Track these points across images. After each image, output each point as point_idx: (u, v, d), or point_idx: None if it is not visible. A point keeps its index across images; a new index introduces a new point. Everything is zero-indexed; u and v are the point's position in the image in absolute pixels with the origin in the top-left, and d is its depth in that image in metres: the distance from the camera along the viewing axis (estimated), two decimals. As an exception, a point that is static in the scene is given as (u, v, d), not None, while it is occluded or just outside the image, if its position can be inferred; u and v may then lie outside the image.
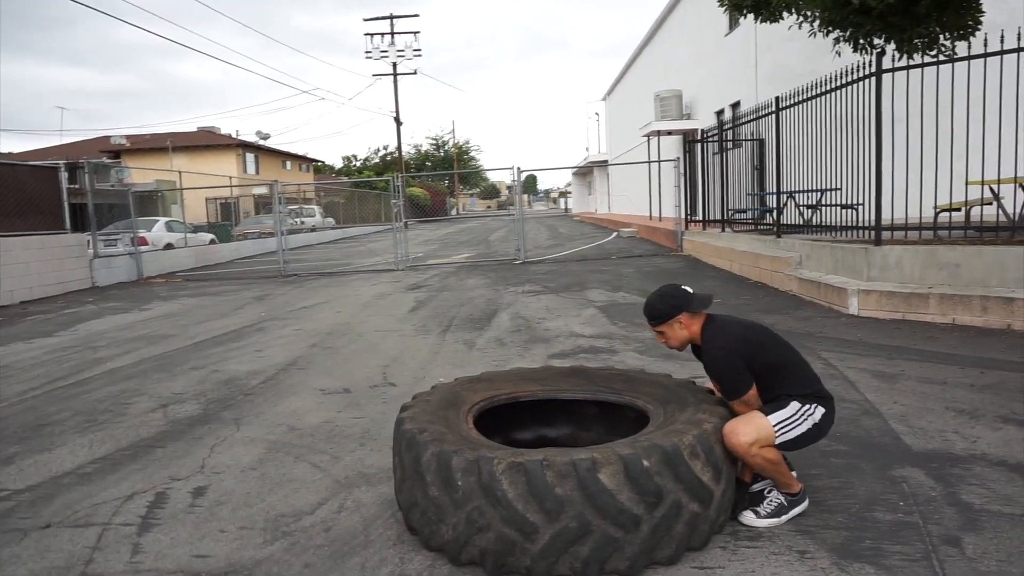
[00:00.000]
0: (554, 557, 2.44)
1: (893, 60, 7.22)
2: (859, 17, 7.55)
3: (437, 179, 57.54)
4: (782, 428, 2.84)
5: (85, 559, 2.79)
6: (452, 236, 27.82)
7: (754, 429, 2.78)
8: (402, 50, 37.48)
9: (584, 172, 46.56)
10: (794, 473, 3.02)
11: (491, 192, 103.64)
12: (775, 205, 9.98)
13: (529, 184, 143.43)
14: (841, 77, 7.85)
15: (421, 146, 68.91)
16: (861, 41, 7.63)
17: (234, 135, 41.08)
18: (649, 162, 17.25)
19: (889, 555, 2.60)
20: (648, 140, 20.57)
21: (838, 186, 9.13)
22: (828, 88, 8.17)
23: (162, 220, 17.62)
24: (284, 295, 11.16)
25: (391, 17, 37.45)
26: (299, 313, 9.11)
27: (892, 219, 7.67)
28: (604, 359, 5.81)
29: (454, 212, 61.13)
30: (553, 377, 3.63)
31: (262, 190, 23.34)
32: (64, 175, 12.74)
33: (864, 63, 7.46)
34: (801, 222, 10.38)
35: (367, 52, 37.18)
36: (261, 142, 38.86)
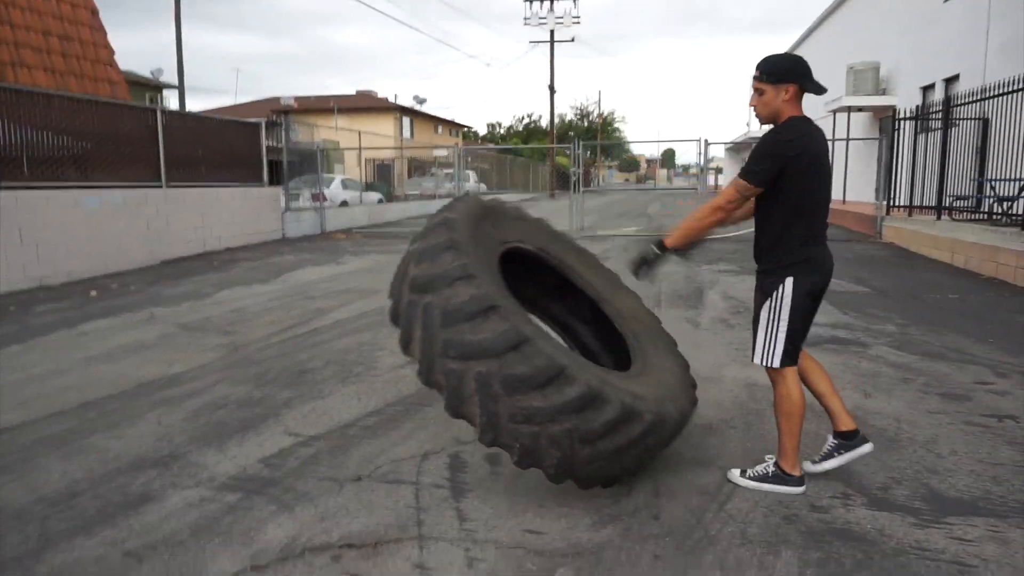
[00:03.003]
0: None
1: None
2: None
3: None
4: (766, 352, 2.87)
5: (415, 520, 2.72)
6: (604, 207, 27.30)
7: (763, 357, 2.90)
8: (561, 17, 37.01)
9: (739, 148, 44.44)
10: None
11: (631, 165, 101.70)
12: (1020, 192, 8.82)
13: (668, 158, 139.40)
14: None
15: (565, 115, 68.34)
16: None
17: (392, 99, 42.35)
18: (848, 140, 15.87)
19: None
20: (834, 116, 19.08)
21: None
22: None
23: (338, 178, 18.36)
24: (468, 258, 11.23)
25: (552, -18, 37.01)
26: (493, 277, 9.08)
27: None
28: (857, 352, 5.30)
29: (594, 183, 60.31)
30: None
31: (442, 152, 23.84)
32: (263, 131, 13.41)
33: None
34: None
35: (526, 19, 37.02)
36: (417, 106, 39.82)
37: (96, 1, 13.47)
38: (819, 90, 2.88)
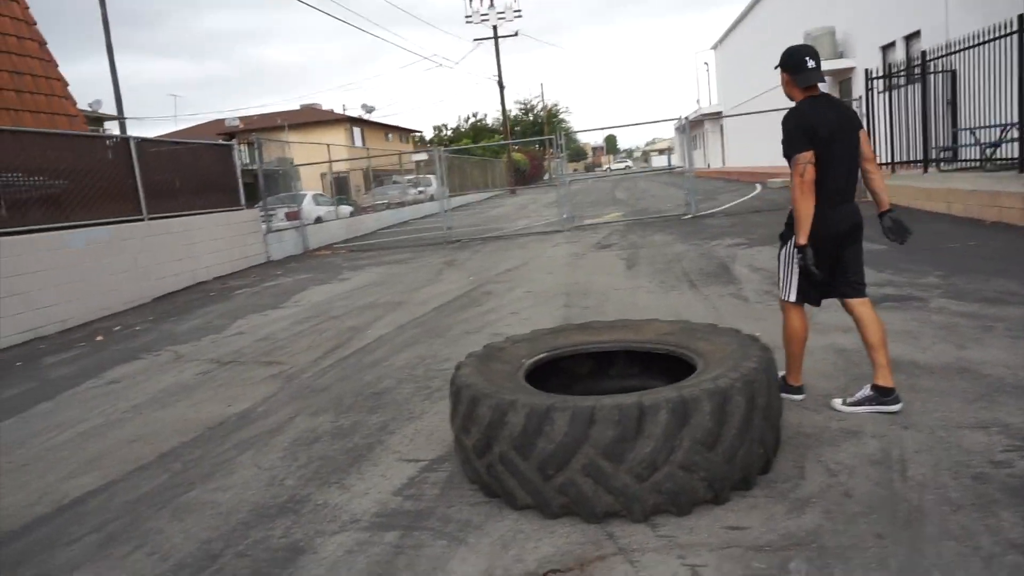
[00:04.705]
0: None
1: None
2: None
3: (529, 143, 56.82)
4: (784, 287, 3.50)
5: (604, 534, 2.55)
6: (573, 197, 27.24)
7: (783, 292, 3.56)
8: (502, 12, 36.85)
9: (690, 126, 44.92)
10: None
11: (578, 154, 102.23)
12: (1017, 136, 9.01)
13: (610, 144, 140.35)
14: None
15: (510, 111, 68.13)
16: None
17: (340, 110, 41.63)
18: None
19: None
20: (792, 83, 19.31)
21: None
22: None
23: (310, 194, 17.89)
24: (470, 259, 11.03)
25: (490, -22, 36.78)
26: (508, 276, 8.90)
27: None
28: (919, 307, 5.31)
29: (545, 176, 60.26)
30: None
31: (422, 156, 23.43)
32: (236, 152, 12.94)
33: None
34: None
35: (467, 16, 36.76)
36: (366, 115, 39.22)
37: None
38: (803, 79, 3.27)
